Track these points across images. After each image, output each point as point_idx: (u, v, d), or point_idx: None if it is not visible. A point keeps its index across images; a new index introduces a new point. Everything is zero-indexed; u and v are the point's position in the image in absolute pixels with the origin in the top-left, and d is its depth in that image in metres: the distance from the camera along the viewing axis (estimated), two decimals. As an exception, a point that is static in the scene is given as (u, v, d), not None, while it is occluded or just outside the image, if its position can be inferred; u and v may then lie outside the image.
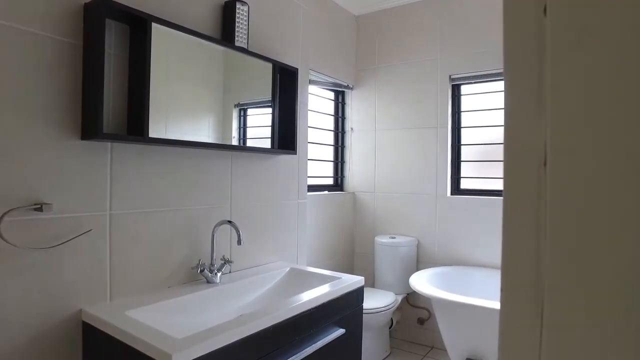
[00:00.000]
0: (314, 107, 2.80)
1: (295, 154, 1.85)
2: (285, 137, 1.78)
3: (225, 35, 1.55)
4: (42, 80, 1.07)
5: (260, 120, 1.70)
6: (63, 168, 1.12)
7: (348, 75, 3.05)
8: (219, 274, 1.47)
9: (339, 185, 3.12)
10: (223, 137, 1.53)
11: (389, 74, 2.98)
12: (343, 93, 3.13)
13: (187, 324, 1.23)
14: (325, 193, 2.86)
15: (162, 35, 1.27)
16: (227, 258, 1.52)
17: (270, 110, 1.72)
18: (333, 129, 3.07)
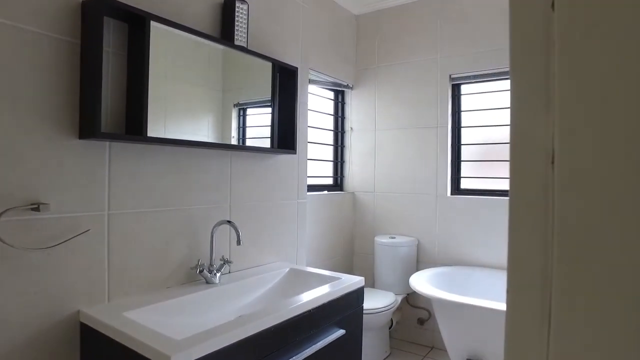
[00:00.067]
0: (314, 106, 2.80)
1: (295, 154, 1.84)
2: (285, 136, 1.77)
3: (225, 34, 1.54)
4: (39, 79, 1.06)
5: (260, 120, 1.69)
6: (60, 167, 1.11)
7: (348, 75, 3.04)
8: (219, 275, 1.46)
9: (339, 185, 3.11)
10: (222, 137, 1.52)
11: (389, 74, 2.97)
12: (343, 93, 3.13)
13: (186, 325, 1.22)
14: (325, 193, 2.85)
15: (161, 34, 1.26)
16: (226, 258, 1.51)
17: (270, 110, 1.71)
18: (333, 129, 3.06)
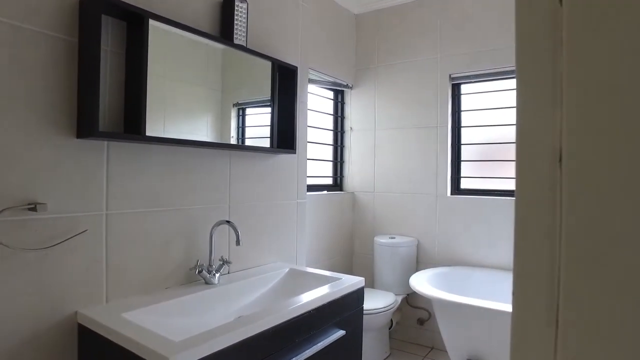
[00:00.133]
0: (313, 106, 2.79)
1: (295, 153, 1.82)
2: (285, 136, 1.76)
3: (224, 33, 1.53)
4: (36, 78, 1.05)
5: (259, 120, 1.68)
6: (58, 167, 1.09)
7: (347, 74, 3.03)
8: (218, 275, 1.45)
9: (338, 185, 3.10)
10: (221, 136, 1.51)
11: (389, 73, 2.96)
12: (342, 92, 3.12)
13: (185, 326, 1.21)
14: (325, 193, 2.84)
15: (159, 33, 1.25)
16: (225, 259, 1.50)
17: (269, 110, 1.70)
18: (332, 129, 3.05)
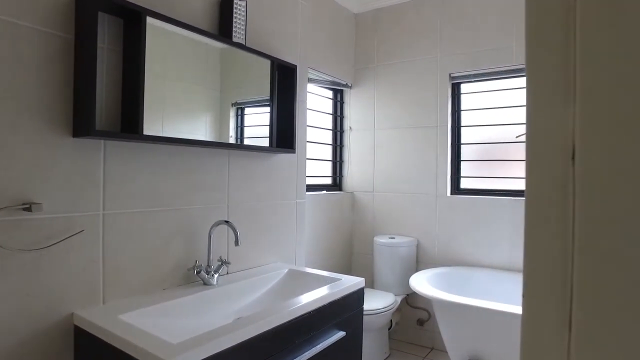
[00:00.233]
0: (313, 105, 2.77)
1: (294, 153, 1.81)
2: (284, 135, 1.75)
3: (223, 31, 1.52)
4: (31, 75, 1.03)
5: (258, 120, 1.67)
6: (54, 166, 1.08)
7: (347, 74, 3.01)
8: (216, 276, 1.44)
9: (338, 185, 3.08)
10: (220, 136, 1.50)
11: (388, 73, 2.94)
12: (342, 92, 3.10)
13: (183, 328, 1.20)
14: (324, 193, 2.82)
15: (157, 31, 1.23)
16: (224, 259, 1.48)
17: (268, 109, 1.68)
18: (331, 128, 3.04)
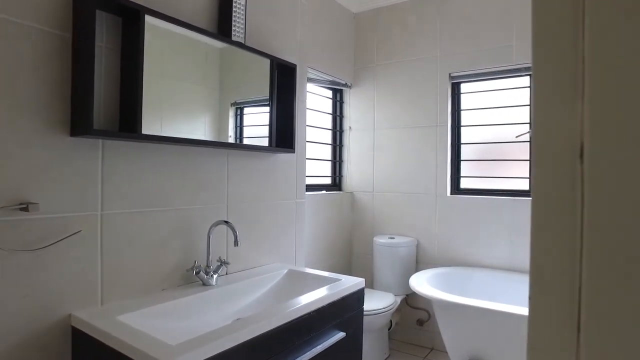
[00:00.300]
0: (312, 105, 2.76)
1: (294, 153, 1.80)
2: (283, 135, 1.74)
3: (222, 30, 1.50)
4: (28, 74, 1.02)
5: (257, 120, 1.66)
6: (51, 166, 1.07)
7: (346, 73, 3.00)
8: (215, 276, 1.43)
9: (337, 185, 3.07)
10: (219, 136, 1.49)
11: (388, 72, 2.94)
12: (341, 91, 3.09)
13: (182, 329, 1.19)
14: (323, 193, 2.81)
15: (156, 30, 1.22)
16: (223, 259, 1.47)
17: (268, 109, 1.67)
18: (331, 128, 3.03)
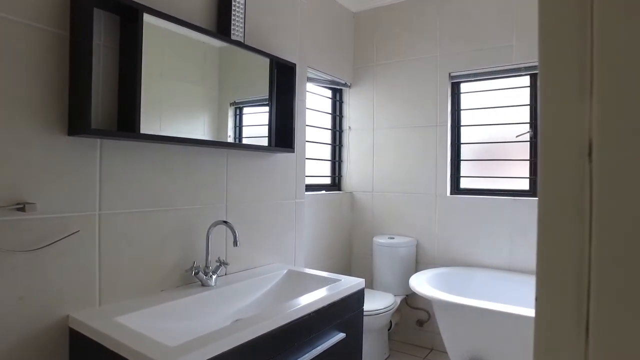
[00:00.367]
0: (312, 105, 2.75)
1: (293, 152, 1.79)
2: (283, 135, 1.73)
3: (221, 29, 1.50)
4: (24, 72, 1.01)
5: (257, 120, 1.65)
6: (48, 165, 1.05)
7: (346, 73, 3.00)
8: (214, 277, 1.42)
9: (337, 185, 3.07)
10: (218, 136, 1.48)
11: (388, 72, 2.93)
12: (341, 91, 3.08)
13: (181, 330, 1.18)
14: (323, 193, 2.80)
15: (155, 29, 1.21)
16: (222, 260, 1.46)
17: (267, 109, 1.66)
18: (330, 128, 3.02)
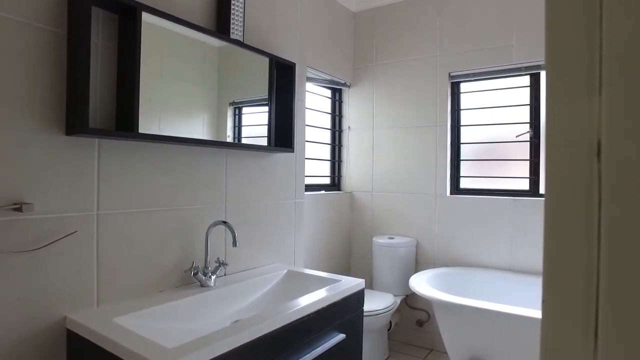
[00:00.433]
0: (311, 105, 2.74)
1: (293, 152, 1.78)
2: (282, 134, 1.72)
3: (220, 28, 1.49)
4: (22, 72, 1.00)
5: (256, 119, 1.64)
6: (46, 165, 1.05)
7: (345, 73, 2.99)
8: (214, 277, 1.41)
9: (336, 185, 3.06)
10: (217, 136, 1.47)
11: (387, 72, 2.92)
12: (340, 91, 3.08)
13: (179, 331, 1.17)
14: (322, 193, 2.80)
15: (153, 28, 1.20)
16: (221, 260, 1.45)
17: (267, 109, 1.66)
18: (330, 128, 3.01)
